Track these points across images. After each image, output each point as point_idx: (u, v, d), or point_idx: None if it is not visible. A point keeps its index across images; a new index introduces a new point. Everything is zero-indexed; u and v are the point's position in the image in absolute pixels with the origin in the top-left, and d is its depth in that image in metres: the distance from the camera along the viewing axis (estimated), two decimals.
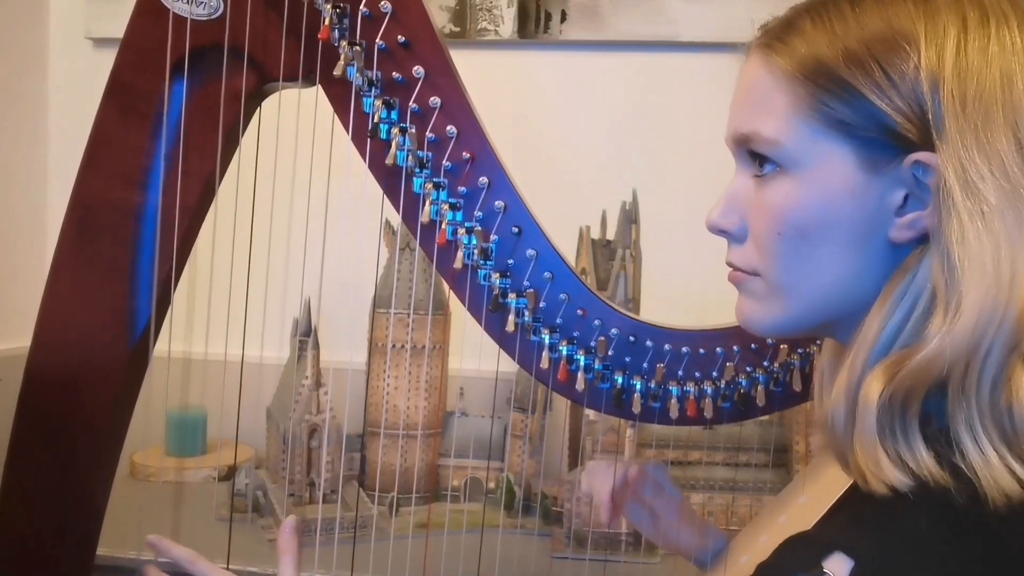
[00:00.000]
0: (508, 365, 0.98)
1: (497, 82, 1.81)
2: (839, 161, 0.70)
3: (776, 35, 0.73)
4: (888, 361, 0.67)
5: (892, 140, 0.68)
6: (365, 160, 0.92)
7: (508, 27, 1.91)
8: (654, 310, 1.22)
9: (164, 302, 0.97)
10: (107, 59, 0.94)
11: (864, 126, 0.68)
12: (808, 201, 0.71)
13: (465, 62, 0.94)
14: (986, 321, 0.63)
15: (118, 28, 0.95)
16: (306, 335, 1.64)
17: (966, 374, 0.64)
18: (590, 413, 1.51)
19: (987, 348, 0.63)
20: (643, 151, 1.90)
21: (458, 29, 1.91)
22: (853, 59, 0.68)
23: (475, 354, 1.00)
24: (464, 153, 0.92)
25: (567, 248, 0.97)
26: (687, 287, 1.69)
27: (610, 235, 1.64)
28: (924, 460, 0.64)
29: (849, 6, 0.71)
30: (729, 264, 0.79)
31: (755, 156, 0.74)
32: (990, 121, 0.65)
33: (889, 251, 0.70)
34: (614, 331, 0.94)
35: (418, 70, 0.91)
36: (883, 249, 0.70)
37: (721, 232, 0.79)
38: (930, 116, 0.66)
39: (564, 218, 1.10)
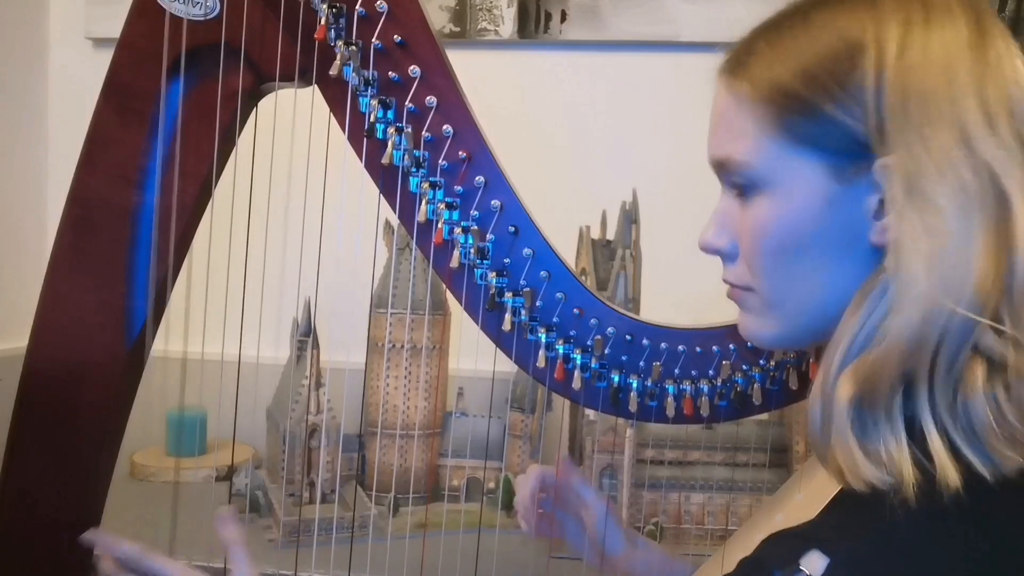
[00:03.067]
0: (507, 365, 0.99)
1: (497, 82, 1.81)
2: (811, 174, 0.72)
3: (737, 59, 0.77)
4: (857, 363, 0.68)
5: (858, 148, 0.69)
6: (361, 160, 0.93)
7: (508, 27, 1.91)
8: (654, 310, 1.21)
9: (162, 302, 0.97)
10: (107, 59, 0.94)
11: (829, 138, 0.70)
12: (786, 217, 0.73)
13: (465, 62, 0.94)
14: (932, 320, 0.64)
15: (118, 28, 0.95)
16: (306, 335, 1.64)
17: (918, 372, 0.65)
18: (589, 413, 1.51)
19: (935, 346, 0.65)
20: (643, 151, 1.90)
21: (458, 29, 1.92)
22: (808, 76, 0.70)
23: (474, 354, 1.00)
24: (460, 152, 0.92)
25: (567, 248, 0.97)
26: (687, 287, 1.69)
27: (610, 235, 1.64)
28: (896, 457, 0.65)
29: (801, 22, 0.73)
30: (725, 282, 0.82)
31: (733, 179, 0.77)
32: (932, 120, 0.66)
33: (873, 256, 0.71)
34: (611, 330, 0.95)
35: (414, 70, 0.91)
36: (867, 254, 0.71)
37: (715, 251, 0.82)
38: (874, 121, 0.68)
39: (564, 218, 1.11)
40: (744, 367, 0.94)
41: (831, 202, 0.71)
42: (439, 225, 0.93)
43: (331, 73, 0.90)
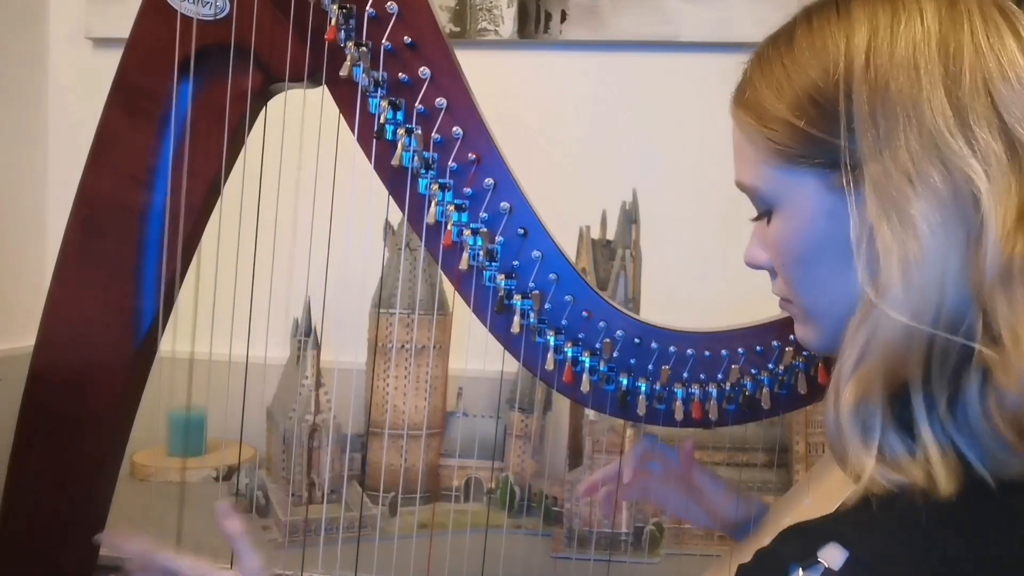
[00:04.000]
0: (508, 365, 0.99)
1: (497, 82, 1.80)
2: (808, 191, 0.73)
3: (738, 88, 0.79)
4: (860, 370, 0.68)
5: (847, 160, 0.69)
6: (371, 161, 0.92)
7: (508, 27, 1.91)
8: (654, 310, 1.22)
9: (168, 302, 0.97)
10: (107, 59, 0.94)
11: (817, 156, 0.71)
12: (794, 232, 0.75)
13: (465, 62, 0.94)
14: (915, 330, 0.64)
15: (118, 28, 0.95)
16: (307, 335, 1.64)
17: (915, 380, 0.66)
18: (590, 413, 1.51)
19: (925, 354, 0.65)
20: (643, 151, 1.90)
21: (458, 29, 1.91)
22: (791, 101, 0.72)
23: (476, 354, 1.00)
24: (470, 154, 0.92)
25: (567, 248, 0.97)
26: (687, 287, 1.70)
27: (610, 235, 1.64)
28: (904, 463, 0.66)
29: (786, 45, 0.74)
30: (775, 294, 0.84)
31: (752, 202, 0.80)
32: (899, 126, 0.66)
33: None
34: (619, 333, 0.95)
35: (424, 71, 0.91)
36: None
37: (758, 267, 0.83)
38: (844, 133, 0.68)
39: (564, 218, 1.10)
40: (753, 371, 0.94)
41: (830, 214, 0.72)
42: (448, 227, 0.93)
43: (341, 74, 0.90)
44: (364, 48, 0.90)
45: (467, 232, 0.93)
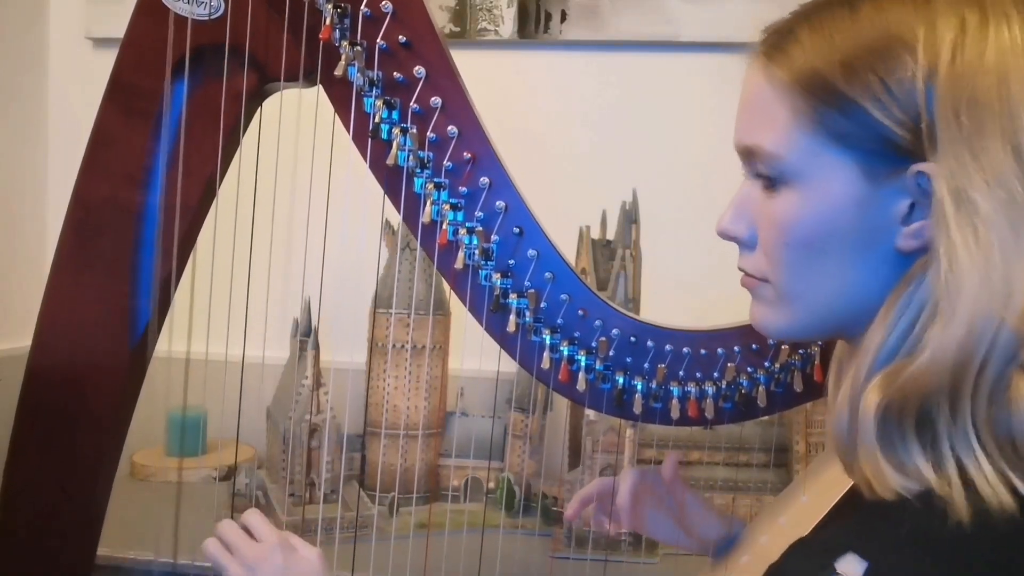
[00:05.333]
0: (508, 365, 0.98)
1: (497, 82, 1.80)
2: (842, 173, 0.69)
3: (775, 43, 0.73)
4: (888, 371, 0.66)
5: (893, 151, 0.67)
6: (366, 160, 0.92)
7: (508, 27, 1.91)
8: (654, 310, 1.21)
9: (165, 302, 0.97)
10: (107, 59, 0.94)
11: (864, 138, 0.68)
12: (812, 213, 0.71)
13: (465, 62, 0.94)
14: (979, 333, 0.62)
15: (118, 28, 0.95)
16: (306, 335, 1.64)
17: (962, 385, 0.63)
18: (590, 413, 1.51)
19: (982, 359, 0.63)
20: (643, 151, 1.90)
21: (458, 29, 1.91)
22: (849, 70, 0.68)
23: (475, 354, 1.00)
24: (465, 153, 0.92)
25: (567, 248, 0.97)
26: (687, 287, 1.69)
27: (610, 235, 1.64)
28: (922, 470, 0.64)
29: (847, 11, 0.70)
30: (740, 269, 0.80)
31: (760, 168, 0.75)
32: (984, 129, 0.64)
33: (897, 260, 0.69)
34: (615, 331, 0.94)
35: (419, 70, 0.91)
36: (891, 258, 0.70)
37: (731, 238, 0.79)
38: (924, 126, 0.65)
39: (564, 218, 1.10)
40: (749, 369, 0.94)
41: (860, 203, 0.69)
42: (443, 226, 0.93)
43: (335, 73, 0.90)
44: (359, 47, 0.90)
45: (462, 231, 0.93)
